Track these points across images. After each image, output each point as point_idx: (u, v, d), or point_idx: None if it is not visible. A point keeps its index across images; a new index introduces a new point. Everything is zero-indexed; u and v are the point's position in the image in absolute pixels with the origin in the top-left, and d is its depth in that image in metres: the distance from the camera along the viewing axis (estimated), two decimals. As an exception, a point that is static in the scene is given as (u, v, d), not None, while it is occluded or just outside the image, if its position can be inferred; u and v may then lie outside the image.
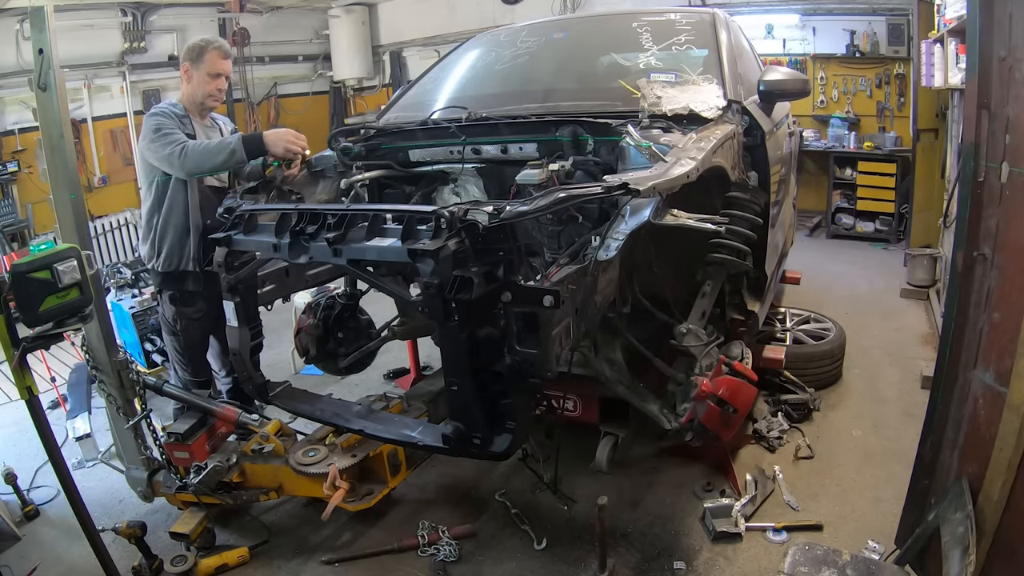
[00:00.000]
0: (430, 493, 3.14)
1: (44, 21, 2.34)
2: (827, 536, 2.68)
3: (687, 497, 2.97)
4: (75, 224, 2.53)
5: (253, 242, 2.52)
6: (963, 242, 1.88)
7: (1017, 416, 1.62)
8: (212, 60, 2.98)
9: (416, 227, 2.08)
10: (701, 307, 2.48)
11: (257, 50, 8.38)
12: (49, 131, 2.48)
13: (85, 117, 6.81)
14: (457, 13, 8.22)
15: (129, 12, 7.05)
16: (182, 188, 2.94)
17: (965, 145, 1.89)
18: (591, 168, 2.54)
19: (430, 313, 2.02)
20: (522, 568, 2.63)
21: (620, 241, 1.92)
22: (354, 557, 2.72)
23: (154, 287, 3.35)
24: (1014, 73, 1.66)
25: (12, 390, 4.30)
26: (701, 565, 2.58)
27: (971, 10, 1.82)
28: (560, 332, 2.00)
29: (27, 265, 2.04)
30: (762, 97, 2.95)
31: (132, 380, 2.68)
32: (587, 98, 2.90)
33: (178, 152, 2.79)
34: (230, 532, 2.91)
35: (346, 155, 3.07)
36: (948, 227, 4.41)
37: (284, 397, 2.84)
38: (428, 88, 3.59)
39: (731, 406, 2.17)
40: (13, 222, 6.17)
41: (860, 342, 4.32)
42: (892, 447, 3.24)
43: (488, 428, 2.13)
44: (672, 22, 3.25)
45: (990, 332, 1.79)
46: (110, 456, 3.34)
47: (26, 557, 2.86)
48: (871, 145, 6.73)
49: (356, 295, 3.40)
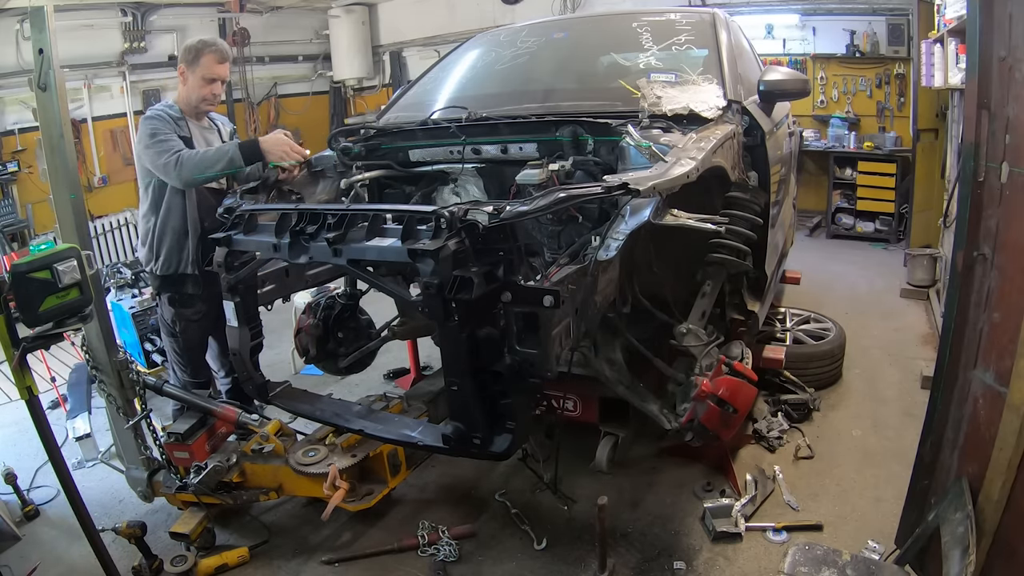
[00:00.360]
0: (430, 493, 3.14)
1: (44, 21, 2.34)
2: (827, 536, 2.68)
3: (687, 497, 2.97)
4: (75, 224, 2.52)
5: (253, 242, 2.52)
6: (963, 242, 1.88)
7: (1017, 416, 1.62)
8: (207, 64, 2.93)
9: (416, 227, 2.08)
10: (701, 307, 2.48)
11: (257, 50, 8.38)
12: (49, 131, 2.47)
13: (85, 117, 6.81)
14: (457, 13, 8.22)
15: (129, 12, 7.05)
16: (180, 191, 2.92)
17: (965, 145, 1.89)
18: (591, 168, 2.54)
19: (430, 313, 2.02)
20: (522, 568, 2.63)
21: (620, 241, 1.92)
22: (354, 557, 2.72)
23: (152, 289, 3.35)
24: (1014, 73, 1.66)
25: (12, 390, 4.30)
26: (701, 565, 2.58)
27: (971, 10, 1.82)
28: (560, 332, 2.00)
29: (27, 265, 2.04)
30: (762, 97, 2.95)
31: (132, 380, 2.68)
32: (587, 98, 2.90)
33: (173, 163, 2.77)
34: (230, 532, 2.91)
35: (346, 155, 3.06)
36: (948, 227, 4.41)
37: (284, 397, 2.84)
38: (428, 88, 3.59)
39: (731, 406, 2.17)
40: (13, 222, 6.16)
41: (860, 342, 4.32)
42: (892, 447, 3.24)
43: (488, 428, 2.13)
44: (672, 22, 3.25)
45: (990, 332, 1.79)
46: (110, 456, 3.34)
47: (26, 557, 2.86)
48: (871, 145, 6.73)
49: (356, 295, 3.40)
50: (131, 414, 2.72)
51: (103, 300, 2.87)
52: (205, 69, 2.94)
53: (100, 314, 2.56)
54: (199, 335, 3.17)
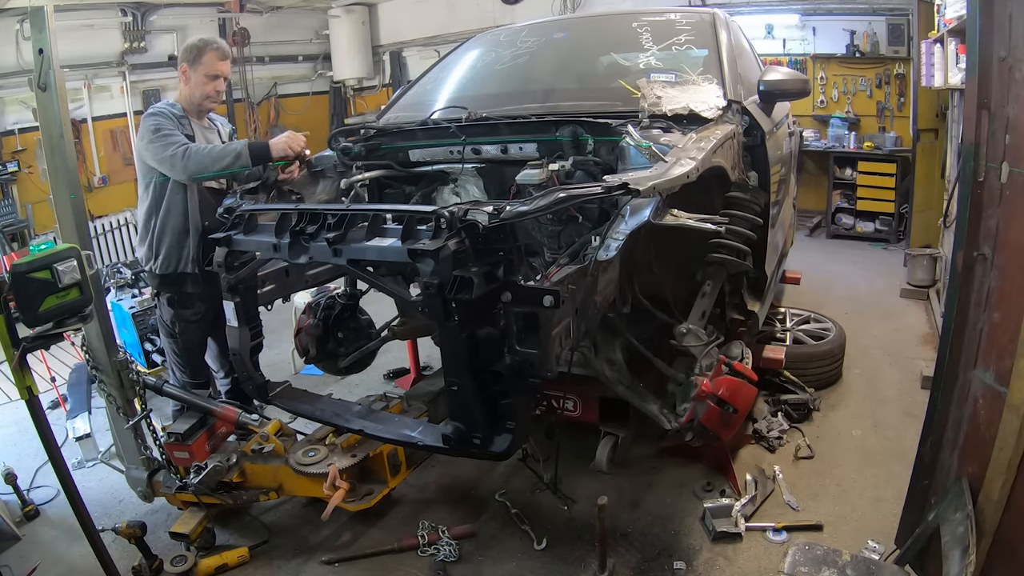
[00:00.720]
0: (430, 493, 3.14)
1: (44, 21, 2.34)
2: (827, 536, 2.68)
3: (687, 497, 2.97)
4: (75, 224, 2.52)
5: (253, 242, 2.52)
6: (963, 242, 1.88)
7: (1017, 416, 1.62)
8: (210, 61, 2.96)
9: (416, 227, 2.08)
10: (701, 307, 2.48)
11: (257, 50, 8.38)
12: (49, 131, 2.47)
13: (85, 117, 6.81)
14: (457, 13, 8.22)
15: (129, 12, 7.05)
16: (180, 190, 2.93)
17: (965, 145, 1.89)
18: (591, 168, 2.54)
19: (430, 313, 2.02)
20: (522, 568, 2.63)
21: (620, 241, 1.92)
22: (354, 557, 2.72)
23: (152, 289, 3.35)
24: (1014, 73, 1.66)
25: (12, 390, 4.30)
26: (701, 565, 2.58)
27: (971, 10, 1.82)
28: (560, 332, 2.00)
29: (27, 265, 2.04)
30: (762, 97, 2.95)
31: (132, 380, 2.68)
32: (587, 98, 2.90)
33: (180, 154, 2.78)
34: (230, 532, 2.91)
35: (346, 155, 3.06)
36: (948, 227, 4.41)
37: (284, 397, 2.84)
38: (428, 88, 3.59)
39: (731, 406, 2.18)
40: (13, 222, 6.16)
41: (860, 342, 4.32)
42: (892, 447, 3.24)
43: (488, 428, 2.13)
44: (672, 22, 3.26)
45: (990, 332, 1.79)
46: (110, 456, 3.34)
47: (26, 557, 2.85)
48: (871, 145, 6.73)
49: (356, 295, 3.40)
50: (131, 414, 2.72)
51: (103, 300, 2.87)
52: (208, 67, 2.96)
53: (100, 314, 2.56)
54: (198, 336, 3.17)
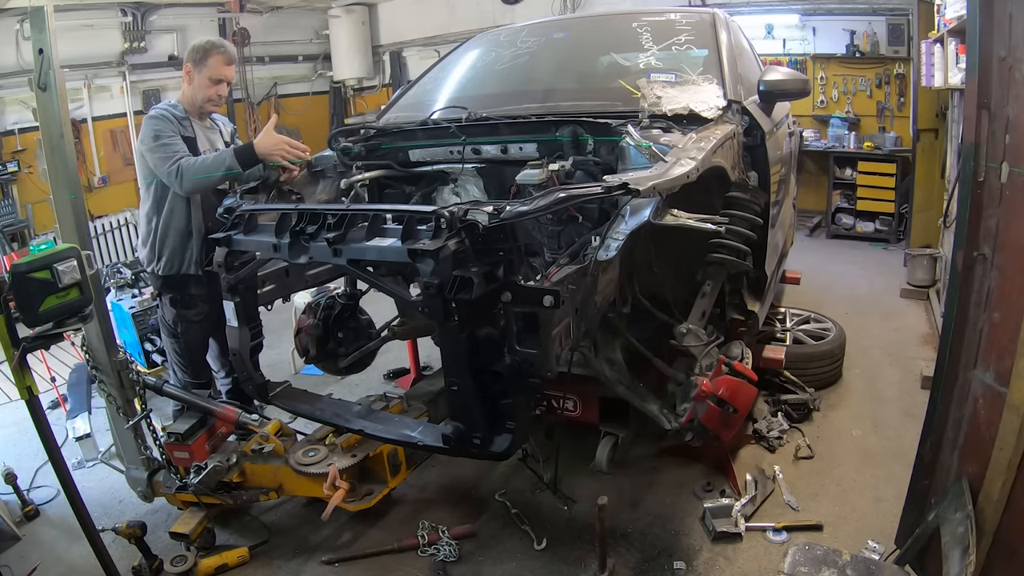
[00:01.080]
0: (430, 493, 3.14)
1: (44, 21, 2.34)
2: (827, 536, 2.68)
3: (687, 497, 2.97)
4: (75, 224, 2.52)
5: (253, 242, 2.52)
6: (963, 242, 1.88)
7: (1017, 416, 1.62)
8: (215, 65, 2.95)
9: (416, 227, 2.08)
10: (701, 307, 2.48)
11: (257, 50, 8.38)
12: (49, 131, 2.47)
13: (85, 117, 6.81)
14: (457, 13, 8.22)
15: (129, 12, 7.05)
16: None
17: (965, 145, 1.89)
18: (591, 168, 2.54)
19: (430, 313, 2.02)
20: (522, 568, 2.63)
21: (620, 241, 1.92)
22: (354, 557, 2.72)
23: (154, 290, 3.34)
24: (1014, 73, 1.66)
25: (12, 390, 4.30)
26: (701, 565, 2.58)
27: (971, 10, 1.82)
28: (560, 332, 2.00)
29: (27, 265, 2.04)
30: (762, 97, 2.95)
31: (132, 380, 2.68)
32: (587, 98, 2.90)
33: (174, 172, 2.78)
34: (230, 532, 2.91)
35: (346, 155, 3.07)
36: (948, 227, 4.41)
37: (284, 397, 2.84)
38: (428, 88, 3.59)
39: (731, 406, 2.17)
40: (13, 222, 6.17)
41: (860, 342, 4.32)
42: (892, 447, 3.24)
43: (488, 428, 2.13)
44: (672, 22, 3.25)
45: (990, 332, 1.79)
46: (110, 456, 3.34)
47: (26, 557, 2.85)
48: (871, 145, 6.73)
49: (356, 295, 3.40)
50: (131, 414, 2.72)
51: (103, 300, 2.87)
52: (212, 70, 2.95)
53: (100, 314, 2.56)
54: (200, 336, 3.17)
